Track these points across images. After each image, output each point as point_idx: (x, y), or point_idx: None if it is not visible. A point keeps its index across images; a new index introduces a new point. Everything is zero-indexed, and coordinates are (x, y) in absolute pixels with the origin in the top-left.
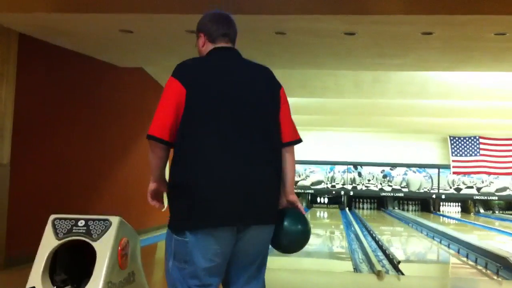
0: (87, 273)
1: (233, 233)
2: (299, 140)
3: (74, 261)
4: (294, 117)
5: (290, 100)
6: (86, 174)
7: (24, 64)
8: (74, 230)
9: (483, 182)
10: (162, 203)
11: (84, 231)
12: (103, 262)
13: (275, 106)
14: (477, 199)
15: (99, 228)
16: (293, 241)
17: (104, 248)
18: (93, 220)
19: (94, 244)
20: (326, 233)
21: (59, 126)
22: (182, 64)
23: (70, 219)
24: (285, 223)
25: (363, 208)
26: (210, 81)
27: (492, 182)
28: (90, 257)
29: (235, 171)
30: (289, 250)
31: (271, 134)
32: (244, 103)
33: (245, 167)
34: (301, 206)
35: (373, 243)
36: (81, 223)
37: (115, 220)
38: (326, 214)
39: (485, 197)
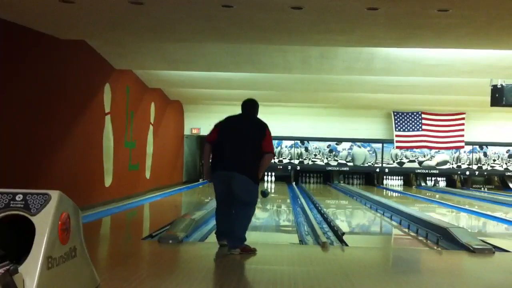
0: (28, 249)
1: (224, 178)
2: (270, 152)
3: (13, 237)
4: (242, 93)
5: (239, 75)
6: (27, 150)
7: None
8: (11, 205)
9: (424, 156)
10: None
11: (22, 205)
12: (43, 237)
13: (259, 137)
14: (418, 173)
15: (38, 203)
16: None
17: (43, 223)
18: (32, 194)
19: (33, 218)
20: (273, 207)
21: None
22: (223, 119)
23: (7, 193)
24: None
25: (309, 182)
26: (227, 126)
27: (433, 156)
28: (31, 232)
29: (226, 161)
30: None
31: (250, 148)
32: (240, 136)
33: (229, 161)
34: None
35: (318, 216)
36: (19, 197)
37: (54, 194)
38: (273, 189)
39: (426, 171)
